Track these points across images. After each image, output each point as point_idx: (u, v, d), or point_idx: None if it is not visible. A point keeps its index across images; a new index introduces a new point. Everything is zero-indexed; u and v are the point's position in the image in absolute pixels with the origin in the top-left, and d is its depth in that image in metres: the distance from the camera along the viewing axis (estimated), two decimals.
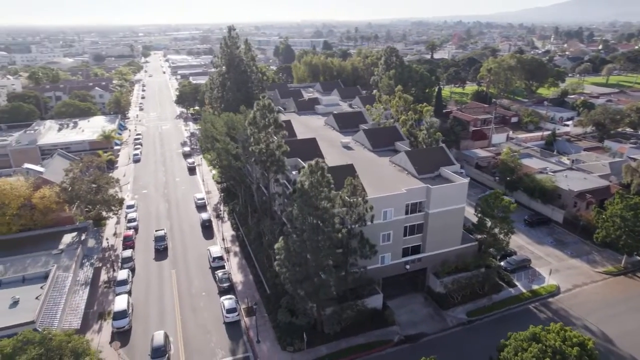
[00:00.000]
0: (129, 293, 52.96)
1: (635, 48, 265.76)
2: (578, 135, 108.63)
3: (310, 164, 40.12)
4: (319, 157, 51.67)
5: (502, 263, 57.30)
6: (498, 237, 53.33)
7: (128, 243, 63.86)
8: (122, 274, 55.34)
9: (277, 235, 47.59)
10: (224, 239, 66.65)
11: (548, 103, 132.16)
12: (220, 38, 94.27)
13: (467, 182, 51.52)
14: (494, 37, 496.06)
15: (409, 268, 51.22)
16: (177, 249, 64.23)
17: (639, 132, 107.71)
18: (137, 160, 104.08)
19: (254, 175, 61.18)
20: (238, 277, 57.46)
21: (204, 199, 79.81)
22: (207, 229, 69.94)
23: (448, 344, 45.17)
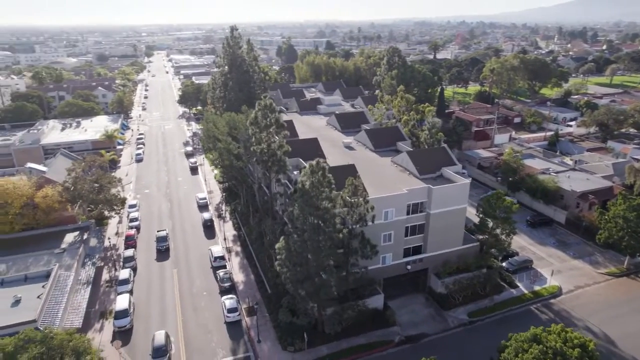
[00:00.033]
0: (131, 292, 53.05)
1: None
2: (581, 136, 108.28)
3: (311, 164, 40.14)
4: (321, 157, 51.73)
5: (503, 264, 57.14)
6: (500, 237, 53.21)
7: (130, 242, 64.03)
8: (123, 273, 55.50)
9: (278, 235, 47.61)
10: (226, 239, 66.74)
11: (551, 103, 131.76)
12: (223, 38, 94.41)
13: (468, 182, 51.47)
14: (497, 37, 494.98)
15: (410, 268, 51.15)
16: (178, 249, 64.36)
17: None
18: (139, 160, 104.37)
19: (256, 175, 61.26)
20: (239, 276, 57.53)
21: (206, 199, 79.94)
22: (208, 229, 70.05)
23: (449, 345, 45.08)
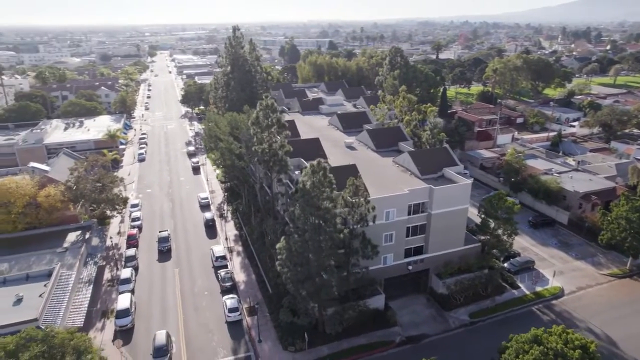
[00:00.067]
0: (132, 292, 53.17)
1: None
2: (584, 136, 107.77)
3: (312, 164, 40.14)
4: (322, 157, 51.78)
5: (505, 264, 57.01)
6: (501, 238, 53.06)
7: (132, 242, 64.25)
8: (125, 273, 55.63)
9: (279, 235, 47.62)
10: (227, 239, 66.83)
11: (554, 104, 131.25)
12: (226, 38, 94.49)
13: (470, 182, 51.35)
14: (501, 37, 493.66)
15: (412, 269, 51.06)
16: (180, 248, 64.45)
17: None
18: (141, 160, 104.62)
19: (257, 175, 61.31)
20: (240, 276, 57.58)
21: (208, 199, 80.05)
22: (210, 229, 70.14)
23: (450, 345, 44.99)
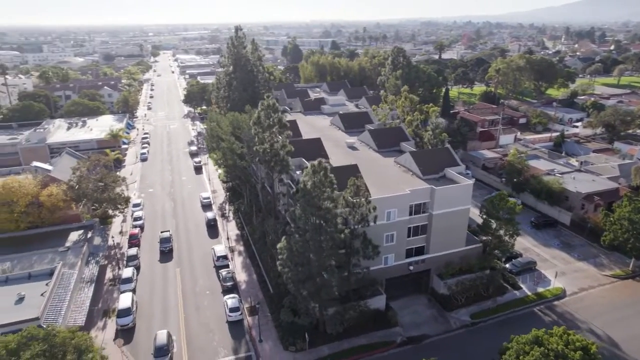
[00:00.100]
0: (134, 291, 53.32)
1: None
2: (587, 137, 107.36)
3: (313, 164, 40.17)
4: (324, 157, 51.80)
5: (507, 265, 56.90)
6: (503, 238, 52.86)
7: (134, 241, 64.41)
8: (127, 272, 55.78)
9: (280, 235, 47.65)
10: (229, 238, 66.90)
11: (557, 104, 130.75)
12: (228, 38, 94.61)
13: (471, 183, 51.27)
14: (504, 37, 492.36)
15: (413, 269, 51.02)
16: (182, 248, 64.55)
17: None
18: (144, 159, 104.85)
19: (259, 175, 61.40)
20: (242, 276, 57.64)
21: (210, 198, 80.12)
22: (212, 228, 70.24)
23: (451, 346, 44.90)
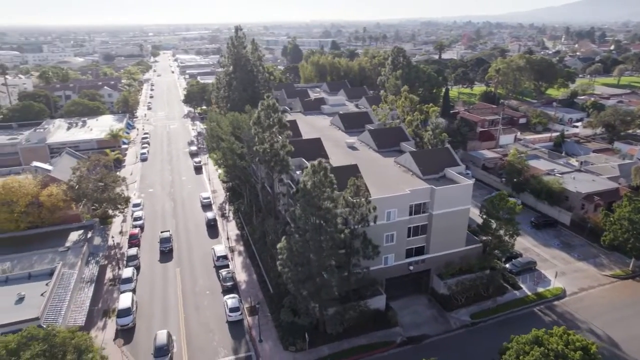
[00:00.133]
0: (134, 291, 53.32)
1: None
2: (587, 137, 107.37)
3: (313, 164, 40.17)
4: (324, 157, 51.82)
5: (507, 265, 56.90)
6: (503, 238, 52.86)
7: (133, 241, 64.40)
8: (127, 272, 55.77)
9: (280, 235, 47.66)
10: (229, 238, 66.90)
11: (557, 104, 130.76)
12: (228, 38, 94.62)
13: (471, 183, 51.28)
14: (504, 37, 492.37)
15: (413, 269, 51.02)
16: (182, 248, 64.54)
17: None
18: (144, 159, 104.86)
19: (259, 175, 61.41)
20: (242, 276, 57.63)
21: (210, 198, 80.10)
22: (212, 228, 70.23)
23: (451, 346, 44.90)
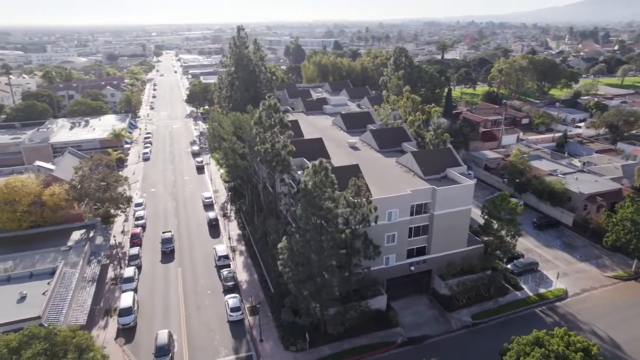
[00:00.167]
0: (135, 290, 53.46)
1: None
2: (590, 137, 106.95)
3: (314, 164, 40.16)
4: (325, 157, 51.84)
5: (508, 266, 56.73)
6: (505, 239, 52.70)
7: (135, 241, 64.53)
8: (128, 271, 55.89)
9: (281, 235, 47.66)
10: (230, 238, 66.94)
11: (560, 104, 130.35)
12: (231, 38, 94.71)
13: (473, 183, 51.16)
14: (507, 37, 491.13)
15: (414, 269, 50.93)
16: (183, 248, 64.65)
17: None
18: (146, 159, 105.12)
19: (261, 175, 61.42)
20: (243, 276, 57.68)
21: (212, 198, 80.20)
22: (213, 228, 70.31)
23: (452, 347, 44.80)
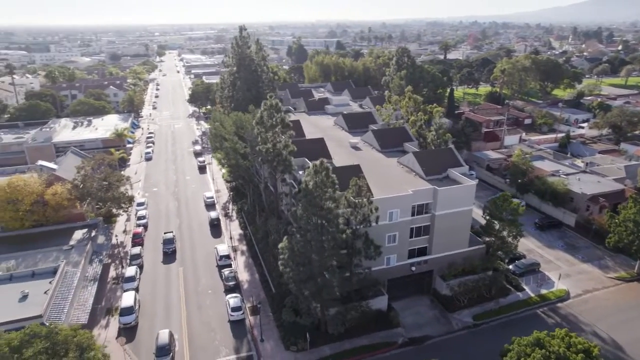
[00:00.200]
0: (137, 290, 53.57)
1: None
2: (593, 138, 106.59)
3: (315, 164, 40.15)
4: (327, 157, 51.84)
5: (510, 266, 56.60)
6: (506, 240, 52.59)
7: (137, 240, 64.68)
8: (130, 271, 56.04)
9: (282, 235, 47.67)
10: (232, 238, 67.00)
11: (563, 104, 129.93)
12: (233, 38, 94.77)
13: (474, 184, 51.02)
14: (510, 37, 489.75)
15: (415, 270, 50.86)
16: (185, 247, 64.76)
17: None
18: (148, 159, 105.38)
19: (262, 175, 61.44)
20: (244, 275, 57.73)
21: (213, 198, 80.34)
22: (215, 228, 70.40)
23: (453, 347, 44.72)
